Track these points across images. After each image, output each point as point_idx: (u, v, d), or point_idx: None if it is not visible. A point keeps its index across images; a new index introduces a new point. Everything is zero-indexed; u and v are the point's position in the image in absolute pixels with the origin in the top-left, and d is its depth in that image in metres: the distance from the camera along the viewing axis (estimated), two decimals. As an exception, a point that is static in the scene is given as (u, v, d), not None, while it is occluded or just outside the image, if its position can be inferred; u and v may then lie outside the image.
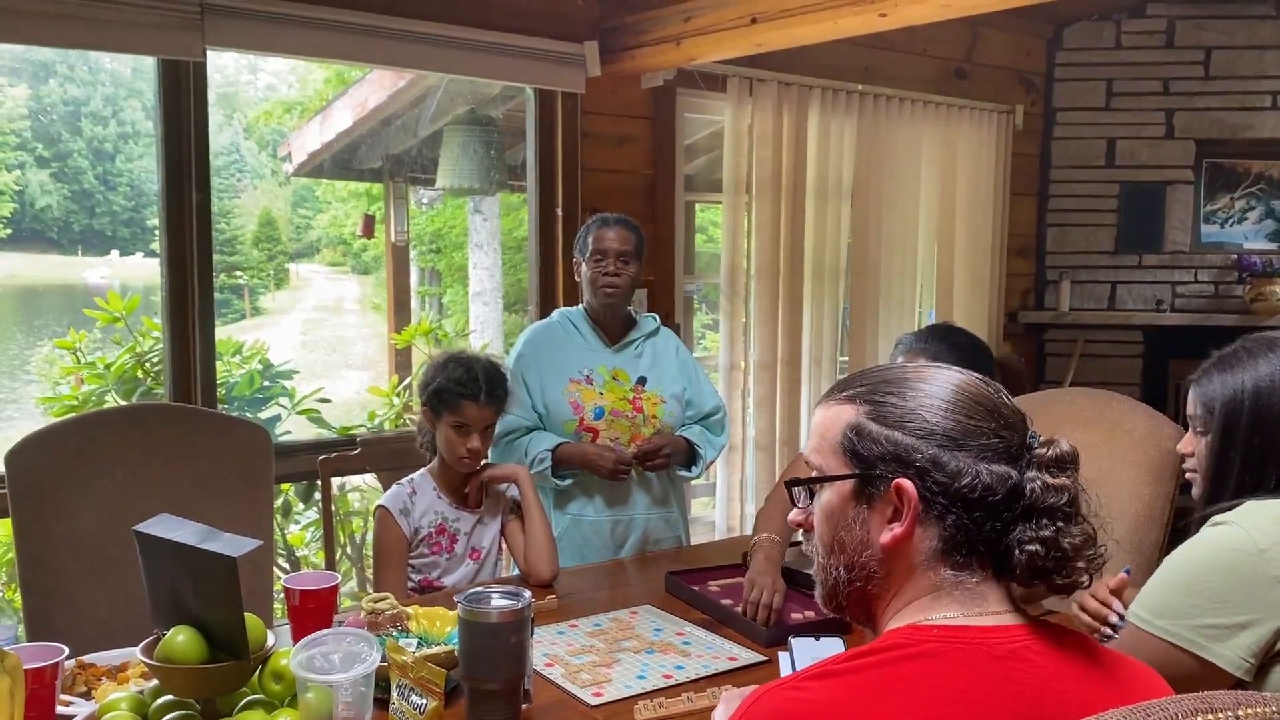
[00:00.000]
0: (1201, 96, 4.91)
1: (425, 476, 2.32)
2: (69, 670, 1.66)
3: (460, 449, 2.23)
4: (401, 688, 1.50)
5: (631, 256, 2.66)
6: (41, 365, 10.61)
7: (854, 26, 2.95)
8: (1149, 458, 2.40)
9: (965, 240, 4.67)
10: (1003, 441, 1.04)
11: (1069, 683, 0.99)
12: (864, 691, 0.96)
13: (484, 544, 2.33)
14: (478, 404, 2.22)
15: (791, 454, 4.13)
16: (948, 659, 0.98)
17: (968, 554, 1.04)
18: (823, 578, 1.12)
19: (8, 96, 27.30)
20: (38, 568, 2.19)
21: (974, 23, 4.62)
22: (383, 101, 5.42)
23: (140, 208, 28.68)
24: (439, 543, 2.28)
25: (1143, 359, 5.00)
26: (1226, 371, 1.61)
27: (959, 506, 1.02)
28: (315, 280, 25.74)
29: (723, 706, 1.28)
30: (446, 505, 2.29)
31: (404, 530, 2.25)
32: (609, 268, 2.63)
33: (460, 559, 2.30)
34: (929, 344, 2.26)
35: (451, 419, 2.23)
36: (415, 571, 2.28)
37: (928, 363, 1.14)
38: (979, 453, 1.03)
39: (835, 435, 1.09)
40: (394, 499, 2.28)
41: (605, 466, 2.55)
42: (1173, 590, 1.51)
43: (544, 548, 2.27)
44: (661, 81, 3.70)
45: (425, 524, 2.27)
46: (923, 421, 1.04)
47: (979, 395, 1.07)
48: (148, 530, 1.48)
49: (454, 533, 2.29)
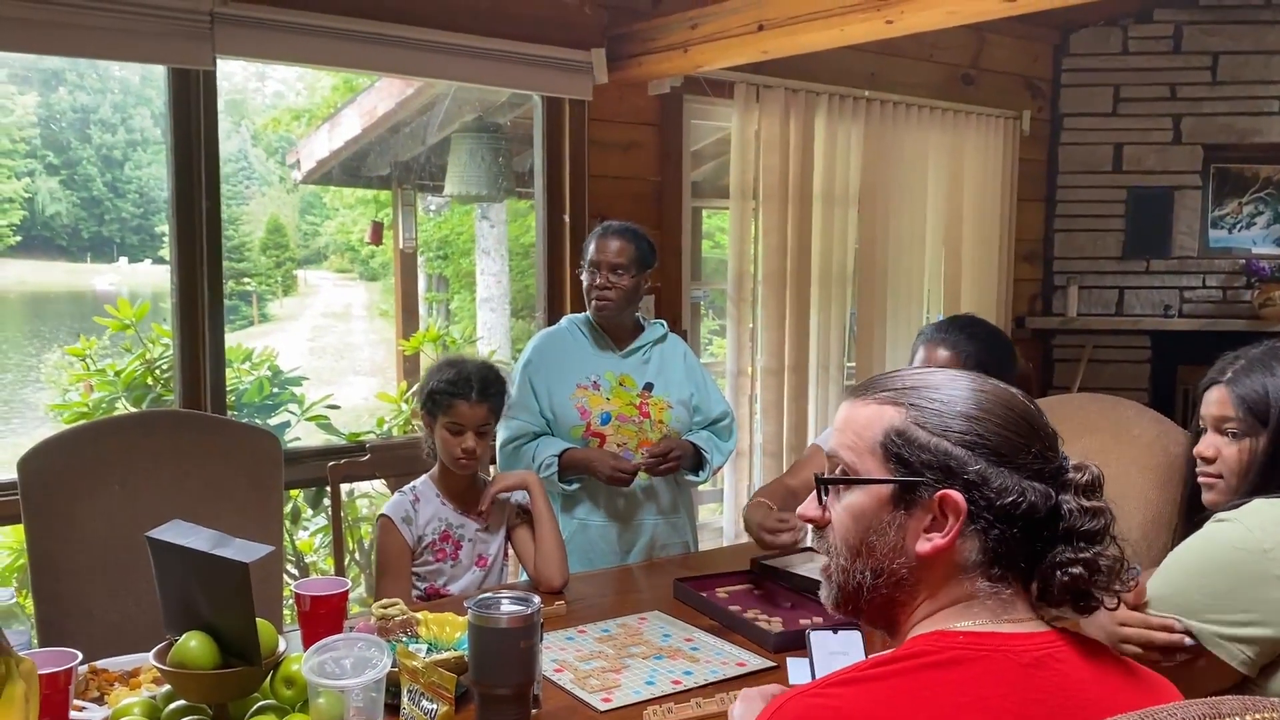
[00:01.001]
0: (1209, 101, 4.91)
1: (428, 483, 2.32)
2: (82, 675, 1.67)
3: (455, 449, 2.24)
4: (412, 693, 1.50)
5: (626, 268, 2.64)
6: (51, 372, 10.64)
7: (861, 33, 2.96)
8: (1157, 463, 2.40)
9: (972, 246, 4.67)
10: (1044, 461, 1.04)
11: (1094, 689, 0.99)
12: (889, 698, 0.96)
13: (490, 551, 2.33)
14: (469, 403, 2.22)
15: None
16: (973, 666, 0.98)
17: (1006, 568, 1.03)
18: (842, 580, 1.08)
19: (17, 104, 27.41)
20: (50, 573, 2.20)
21: (981, 29, 4.63)
22: (391, 109, 5.44)
23: (149, 215, 28.77)
24: (443, 550, 2.28)
25: (1151, 364, 5.00)
26: (1268, 373, 1.61)
27: (1003, 522, 1.02)
28: (323, 287, 25.79)
29: (741, 704, 1.27)
30: (451, 511, 2.30)
31: (407, 539, 2.24)
32: (599, 280, 2.64)
33: (466, 566, 2.30)
34: (949, 334, 2.26)
35: (445, 420, 2.24)
36: (420, 580, 2.28)
37: (967, 372, 1.12)
38: (1023, 471, 1.02)
39: (875, 436, 1.06)
40: (396, 507, 2.28)
41: (603, 471, 2.55)
42: (1176, 585, 1.52)
43: (555, 554, 2.27)
44: (668, 88, 3.71)
45: (429, 531, 2.27)
46: (973, 434, 1.03)
47: (1025, 413, 1.06)
48: (160, 536, 1.49)
49: (458, 539, 2.29)
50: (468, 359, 2.32)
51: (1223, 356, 1.73)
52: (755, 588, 2.26)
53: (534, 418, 2.63)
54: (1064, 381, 5.02)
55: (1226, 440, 1.66)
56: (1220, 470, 1.67)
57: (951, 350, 2.22)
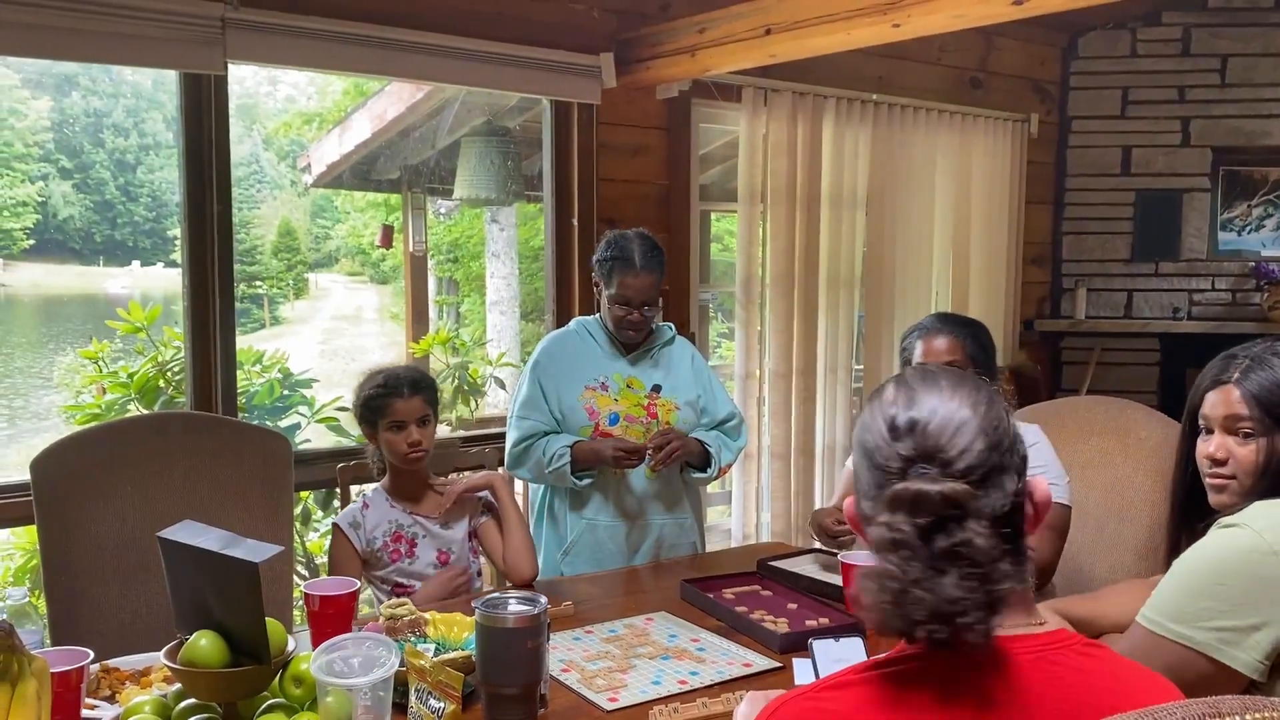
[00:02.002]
0: (1218, 104, 4.90)
1: (379, 491, 2.39)
2: (94, 674, 1.69)
3: (402, 445, 2.29)
4: (420, 692, 1.52)
5: (655, 300, 2.66)
6: (64, 374, 10.71)
7: (868, 37, 2.97)
8: (1164, 466, 2.40)
9: (980, 248, 4.67)
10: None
11: (1093, 685, 1.00)
12: (880, 700, 0.97)
13: (452, 546, 2.36)
14: (403, 398, 2.30)
15: (808, 463, 4.14)
16: (968, 661, 0.99)
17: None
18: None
19: (31, 109, 27.58)
20: (62, 573, 2.22)
21: (988, 32, 4.63)
22: (401, 113, 5.47)
23: (161, 218, 28.90)
24: (397, 550, 2.32)
25: (1159, 367, 4.99)
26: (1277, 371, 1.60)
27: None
28: (334, 290, 25.87)
29: (747, 705, 1.29)
30: (400, 513, 2.34)
31: (354, 543, 2.30)
32: (633, 316, 2.64)
33: (427, 562, 2.33)
34: (944, 325, 2.34)
35: (386, 422, 2.30)
36: (384, 582, 2.33)
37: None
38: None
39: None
40: (345, 515, 2.35)
41: (608, 452, 2.56)
42: (1184, 593, 1.51)
43: (523, 547, 2.34)
44: (676, 92, 3.72)
45: (379, 534, 2.32)
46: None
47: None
48: (171, 536, 1.50)
49: (411, 537, 2.33)
50: (389, 365, 2.42)
51: (1218, 357, 1.72)
52: (762, 589, 2.27)
53: (545, 417, 2.65)
54: (1072, 384, 5.02)
55: (1238, 440, 1.63)
56: (1233, 471, 1.64)
57: (950, 338, 2.26)
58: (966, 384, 1.07)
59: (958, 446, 1.01)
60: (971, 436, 1.02)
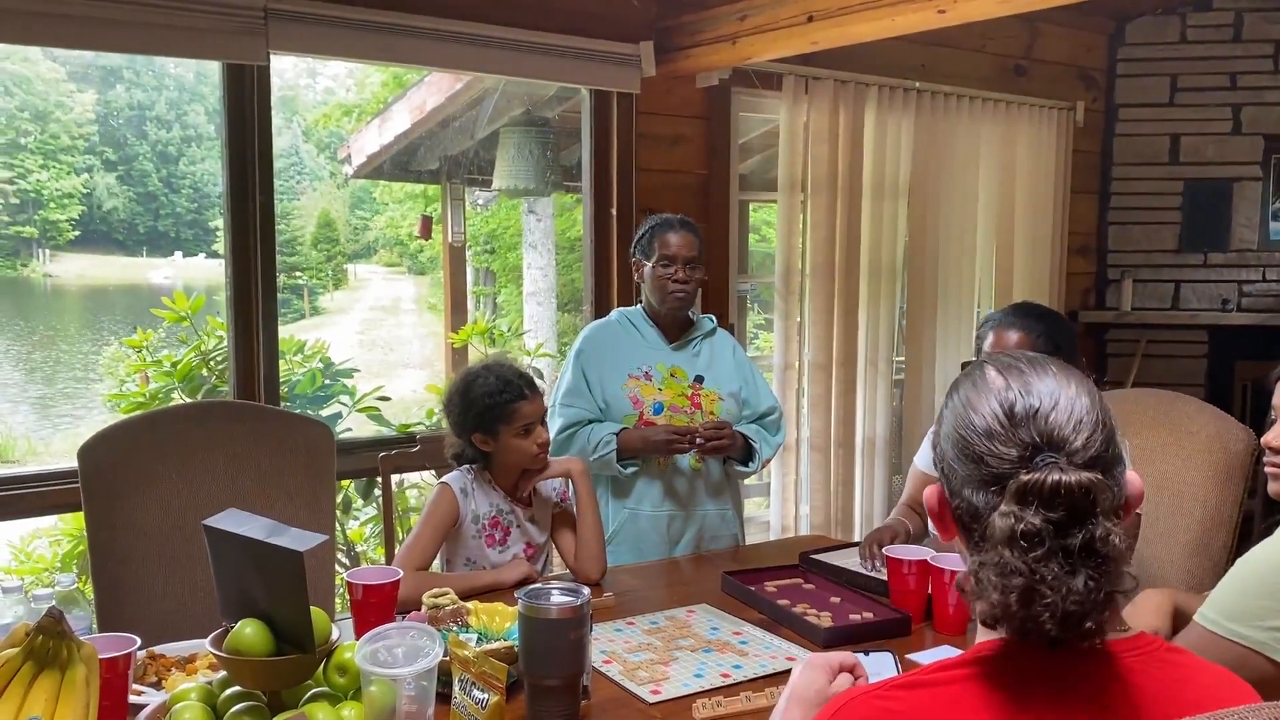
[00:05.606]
0: (1271, 91, 4.79)
1: (473, 471, 2.32)
2: (140, 661, 1.70)
3: (532, 447, 2.25)
4: (464, 682, 1.51)
5: (698, 261, 2.68)
6: (109, 363, 10.87)
7: (912, 24, 2.93)
8: (1216, 460, 2.35)
9: (1024, 239, 4.61)
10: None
11: (1151, 684, 0.98)
12: (951, 703, 0.95)
13: (539, 540, 2.35)
14: (527, 399, 2.24)
15: (848, 455, 4.11)
16: (1033, 664, 0.96)
17: None
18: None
19: (77, 102, 28.01)
20: (108, 560, 2.24)
21: (1033, 19, 4.56)
22: (440, 104, 5.48)
23: (203, 210, 29.27)
24: (492, 535, 2.30)
25: (1208, 359, 4.90)
26: None
27: None
28: (373, 280, 26.08)
29: (806, 672, 1.15)
30: (502, 499, 2.32)
31: (460, 508, 2.26)
32: (678, 274, 2.65)
33: (513, 554, 2.31)
34: (1018, 318, 2.25)
35: (513, 427, 2.24)
36: (469, 564, 2.30)
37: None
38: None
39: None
40: (457, 478, 2.30)
41: (659, 436, 2.56)
42: (1244, 593, 1.48)
43: (594, 547, 2.30)
44: (716, 81, 3.69)
45: (483, 512, 2.29)
46: None
47: None
48: (216, 524, 1.51)
49: (508, 525, 2.31)
50: (488, 366, 2.31)
51: None
52: (804, 582, 2.25)
53: (590, 404, 2.65)
54: (1117, 376, 4.94)
55: None
56: None
57: (1022, 333, 2.19)
58: (1073, 371, 1.03)
59: (1082, 435, 0.96)
60: (1093, 426, 0.98)
